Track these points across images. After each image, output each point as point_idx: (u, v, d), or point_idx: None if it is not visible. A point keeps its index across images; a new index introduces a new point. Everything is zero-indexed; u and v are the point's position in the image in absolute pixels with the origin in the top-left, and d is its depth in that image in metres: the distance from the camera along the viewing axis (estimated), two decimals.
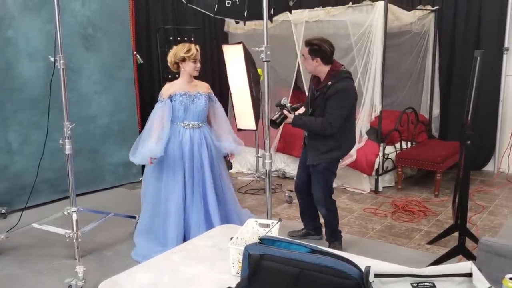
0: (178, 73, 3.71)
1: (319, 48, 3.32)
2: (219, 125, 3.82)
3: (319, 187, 3.55)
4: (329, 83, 3.31)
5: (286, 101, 3.39)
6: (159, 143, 3.52)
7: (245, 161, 6.02)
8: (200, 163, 3.67)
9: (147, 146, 3.50)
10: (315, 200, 3.62)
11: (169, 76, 5.71)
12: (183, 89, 3.62)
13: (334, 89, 3.29)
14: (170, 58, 3.60)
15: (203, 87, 3.72)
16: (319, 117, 3.36)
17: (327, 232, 3.72)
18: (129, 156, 3.61)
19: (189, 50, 3.52)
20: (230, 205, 3.89)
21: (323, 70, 3.37)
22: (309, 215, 3.86)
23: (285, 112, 3.34)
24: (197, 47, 3.58)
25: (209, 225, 3.54)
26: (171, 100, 3.58)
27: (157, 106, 3.61)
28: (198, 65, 3.58)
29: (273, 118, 3.30)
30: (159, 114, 3.57)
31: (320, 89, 3.38)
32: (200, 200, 3.66)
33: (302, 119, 3.39)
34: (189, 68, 3.57)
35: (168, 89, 3.63)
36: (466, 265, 1.18)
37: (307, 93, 3.86)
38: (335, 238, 3.70)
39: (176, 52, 3.57)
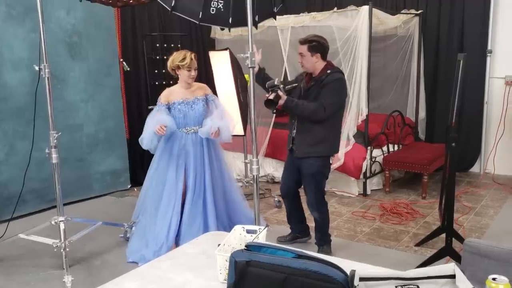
0: (165, 79, 3.74)
1: (319, 44, 3.41)
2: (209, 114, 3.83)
3: (311, 190, 3.58)
4: (328, 71, 3.40)
5: (279, 81, 3.40)
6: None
7: (234, 167, 6.01)
8: (202, 168, 3.76)
9: (155, 118, 3.60)
10: (307, 203, 3.64)
11: (156, 83, 5.71)
12: (181, 96, 3.70)
13: (332, 78, 3.38)
14: (169, 64, 3.70)
15: (201, 91, 3.79)
16: (312, 102, 3.38)
17: (317, 236, 3.74)
18: (140, 144, 3.73)
19: (183, 59, 3.60)
20: (233, 204, 3.98)
21: (320, 66, 3.44)
22: (296, 219, 3.89)
23: (279, 92, 3.31)
24: (193, 55, 3.65)
25: (206, 230, 3.62)
26: (169, 108, 3.69)
27: (155, 109, 3.72)
28: (193, 73, 3.66)
29: (271, 98, 3.25)
30: (154, 116, 3.68)
31: (315, 78, 3.43)
32: (199, 205, 3.74)
33: (295, 100, 3.38)
34: (183, 76, 3.66)
35: (167, 95, 3.72)
36: (449, 267, 1.19)
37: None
38: (324, 241, 3.72)
39: (173, 59, 3.66)
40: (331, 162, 3.61)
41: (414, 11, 5.89)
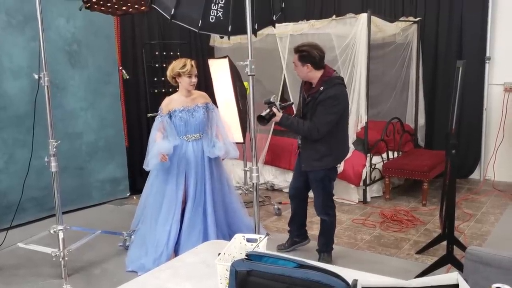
0: (164, 87, 3.74)
1: (308, 54, 3.35)
2: (214, 131, 3.85)
3: (319, 194, 3.58)
4: (321, 88, 3.33)
5: (275, 98, 3.40)
6: (166, 141, 3.64)
7: (233, 174, 6.00)
8: (202, 176, 3.76)
9: (156, 146, 3.60)
10: (315, 205, 3.65)
11: (156, 91, 5.72)
12: (182, 104, 3.71)
13: (325, 95, 3.30)
14: (169, 72, 3.71)
15: (201, 99, 3.81)
16: (307, 121, 3.38)
17: (320, 241, 3.72)
18: (144, 167, 3.73)
19: (184, 66, 3.62)
20: (234, 213, 3.97)
21: (315, 75, 3.39)
22: (298, 221, 3.89)
23: (274, 109, 3.34)
24: (193, 62, 3.68)
25: (205, 238, 3.62)
26: (170, 116, 3.70)
27: (157, 120, 3.73)
28: (194, 79, 3.68)
29: (262, 114, 3.30)
30: (158, 127, 3.69)
31: (311, 95, 3.40)
32: (199, 213, 3.73)
33: (290, 119, 3.40)
34: (184, 83, 3.67)
35: (167, 104, 3.73)
36: (452, 276, 1.18)
37: (293, 105, 3.88)
38: (326, 248, 3.70)
39: (173, 67, 3.68)
40: (338, 166, 3.62)
41: (412, 18, 5.90)
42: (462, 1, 5.73)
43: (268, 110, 3.33)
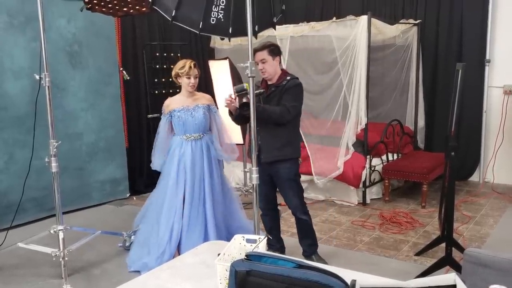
0: (165, 89, 3.76)
1: (277, 47, 3.51)
2: (215, 135, 3.89)
3: (295, 194, 3.58)
4: (288, 78, 3.47)
5: (247, 87, 3.38)
6: (158, 157, 3.82)
7: (233, 175, 6.01)
8: (201, 175, 3.77)
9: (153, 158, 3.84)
10: (294, 207, 3.61)
11: (156, 92, 5.73)
12: (182, 104, 3.74)
13: (293, 83, 3.44)
14: (172, 73, 3.77)
15: (204, 100, 3.83)
16: (275, 106, 3.41)
17: (306, 243, 3.71)
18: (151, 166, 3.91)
19: (182, 67, 3.66)
20: (231, 215, 3.96)
21: (279, 71, 3.51)
22: (276, 232, 3.84)
23: (248, 97, 3.32)
24: (193, 63, 3.70)
25: (206, 238, 3.63)
26: (171, 116, 3.75)
27: (162, 120, 3.82)
28: (193, 81, 3.70)
29: (246, 101, 3.16)
30: (164, 127, 3.79)
31: (275, 85, 3.47)
32: (199, 212, 3.74)
33: (261, 105, 3.38)
34: (184, 83, 3.72)
35: (168, 105, 3.79)
36: (450, 277, 1.19)
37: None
38: (314, 247, 3.70)
39: (175, 67, 3.73)
40: (300, 162, 3.66)
41: (412, 20, 5.92)
42: (462, 4, 5.75)
43: (246, 97, 3.25)
